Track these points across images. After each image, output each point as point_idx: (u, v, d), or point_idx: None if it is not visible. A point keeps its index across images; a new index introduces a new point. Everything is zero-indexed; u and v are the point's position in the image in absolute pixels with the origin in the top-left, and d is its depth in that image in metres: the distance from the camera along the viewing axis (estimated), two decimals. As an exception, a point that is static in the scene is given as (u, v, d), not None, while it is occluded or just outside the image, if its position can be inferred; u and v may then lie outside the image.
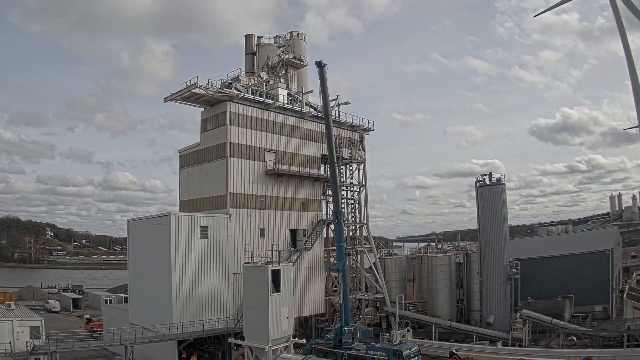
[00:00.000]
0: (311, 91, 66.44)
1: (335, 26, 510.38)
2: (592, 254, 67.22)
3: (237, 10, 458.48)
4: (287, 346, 46.90)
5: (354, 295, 67.25)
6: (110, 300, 79.55)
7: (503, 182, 64.49)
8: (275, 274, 45.96)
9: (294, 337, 48.69)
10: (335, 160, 53.82)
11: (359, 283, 69.50)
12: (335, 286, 68.37)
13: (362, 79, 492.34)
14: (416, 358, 46.03)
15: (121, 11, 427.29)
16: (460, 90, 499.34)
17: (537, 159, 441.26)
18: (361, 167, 70.23)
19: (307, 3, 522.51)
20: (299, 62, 65.90)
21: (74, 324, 76.53)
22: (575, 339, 55.97)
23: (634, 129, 48.54)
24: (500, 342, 56.26)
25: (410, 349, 46.16)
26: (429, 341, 58.31)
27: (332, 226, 67.20)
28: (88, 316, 77.61)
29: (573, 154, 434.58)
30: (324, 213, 65.80)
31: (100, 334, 53.37)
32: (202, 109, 59.53)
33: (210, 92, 55.26)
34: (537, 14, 46.16)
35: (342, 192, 66.16)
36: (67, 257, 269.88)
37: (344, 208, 66.82)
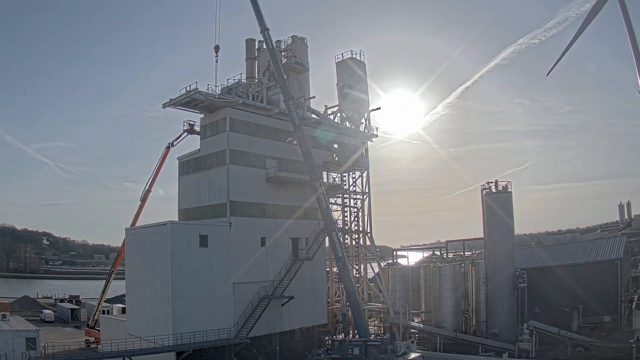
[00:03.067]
0: (313, 97, 65.69)
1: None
2: (601, 264, 66.25)
3: None
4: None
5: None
6: (108, 311, 78.50)
7: (509, 189, 63.50)
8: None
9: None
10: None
11: (362, 293, 68.26)
12: (338, 296, 67.35)
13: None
14: None
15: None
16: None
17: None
18: (365, 174, 69.23)
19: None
20: (300, 67, 65.08)
21: (71, 335, 75.39)
22: (583, 350, 55.02)
23: None
24: (507, 353, 55.41)
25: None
26: (434, 352, 57.34)
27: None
28: (90, 323, 76.27)
29: None
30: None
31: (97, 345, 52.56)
32: (202, 115, 58.60)
33: (210, 98, 54.36)
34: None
35: (345, 201, 65.32)
36: (64, 267, 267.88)
37: (346, 217, 65.91)
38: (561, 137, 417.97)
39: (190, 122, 60.87)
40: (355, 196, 67.95)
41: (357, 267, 67.11)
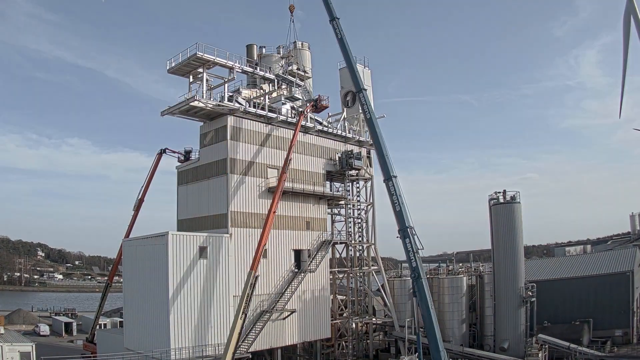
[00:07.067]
0: (316, 104, 64.03)
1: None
2: (612, 276, 65.11)
3: None
4: None
5: (360, 319, 64.53)
6: (105, 325, 77.07)
7: (518, 200, 62.02)
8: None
9: None
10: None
11: (367, 306, 66.57)
12: (341, 310, 65.81)
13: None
14: None
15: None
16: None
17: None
18: (369, 184, 67.69)
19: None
20: (303, 73, 63.77)
21: (66, 350, 73.88)
22: (594, 364, 53.81)
23: None
24: (516, 368, 53.96)
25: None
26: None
27: (337, 247, 64.83)
28: (88, 337, 74.72)
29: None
30: (330, 233, 63.08)
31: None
32: (201, 123, 57.19)
33: (209, 105, 52.98)
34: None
35: (349, 211, 63.70)
36: (61, 279, 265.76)
37: (350, 228, 64.08)
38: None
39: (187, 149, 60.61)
40: (359, 207, 66.25)
41: (361, 279, 65.46)
